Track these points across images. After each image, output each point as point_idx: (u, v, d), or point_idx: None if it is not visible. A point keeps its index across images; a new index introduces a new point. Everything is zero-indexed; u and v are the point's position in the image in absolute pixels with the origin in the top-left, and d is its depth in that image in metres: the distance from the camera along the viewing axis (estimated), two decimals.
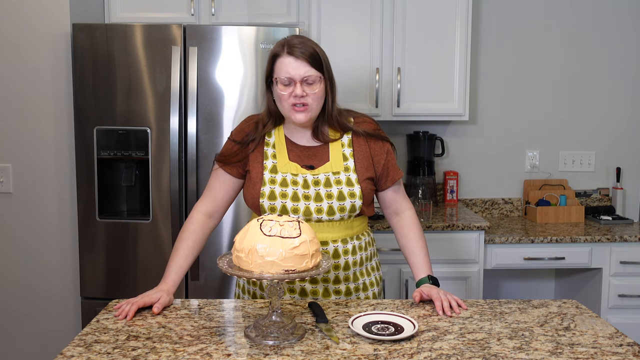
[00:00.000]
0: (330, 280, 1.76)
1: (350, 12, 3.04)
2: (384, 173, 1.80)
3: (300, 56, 1.64)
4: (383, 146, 1.80)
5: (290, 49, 1.65)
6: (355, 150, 1.77)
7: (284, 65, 1.66)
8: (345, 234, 1.76)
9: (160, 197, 2.71)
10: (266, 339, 1.38)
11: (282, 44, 1.68)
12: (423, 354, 1.34)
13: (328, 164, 1.74)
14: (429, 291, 1.65)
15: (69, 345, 1.37)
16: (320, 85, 1.68)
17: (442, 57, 3.09)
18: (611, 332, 1.47)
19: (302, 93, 1.65)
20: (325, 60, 1.70)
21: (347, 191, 1.72)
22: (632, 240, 3.00)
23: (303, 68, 1.65)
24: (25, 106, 2.80)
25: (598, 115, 3.54)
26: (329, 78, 1.71)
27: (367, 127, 1.80)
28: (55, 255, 2.86)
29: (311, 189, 1.71)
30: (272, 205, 1.71)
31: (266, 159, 1.75)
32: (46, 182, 2.83)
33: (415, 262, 1.79)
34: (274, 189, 1.71)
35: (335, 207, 1.71)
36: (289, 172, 1.73)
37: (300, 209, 1.71)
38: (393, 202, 1.85)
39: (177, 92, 2.63)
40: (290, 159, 1.75)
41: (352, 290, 1.79)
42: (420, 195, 3.33)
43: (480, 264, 2.96)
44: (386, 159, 1.80)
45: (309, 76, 1.65)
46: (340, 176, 1.73)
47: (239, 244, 1.39)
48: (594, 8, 3.46)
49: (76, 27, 2.67)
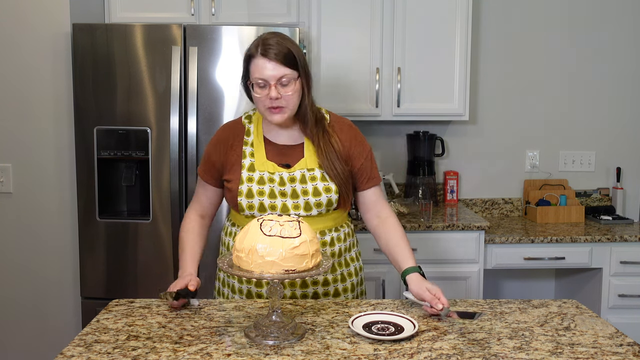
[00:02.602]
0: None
1: (350, 12, 3.04)
2: (363, 172, 1.81)
3: (274, 58, 1.64)
4: (363, 149, 1.82)
5: (264, 50, 1.65)
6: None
7: (257, 67, 1.65)
8: (323, 226, 1.77)
9: (160, 197, 2.71)
10: (266, 338, 1.38)
11: (257, 44, 1.67)
12: (423, 354, 1.34)
13: (303, 161, 1.76)
14: (433, 289, 1.60)
15: (69, 345, 1.37)
16: (296, 84, 1.68)
17: (442, 57, 3.09)
18: (611, 332, 1.47)
19: (277, 95, 1.65)
20: (300, 57, 1.69)
21: (322, 186, 1.74)
22: (632, 240, 3.00)
23: (277, 69, 1.65)
24: (25, 106, 2.80)
25: (598, 115, 3.54)
26: (304, 75, 1.71)
27: (345, 130, 1.81)
28: (55, 255, 2.86)
29: (287, 185, 1.73)
30: (250, 203, 1.73)
31: (244, 157, 1.77)
32: (46, 182, 2.83)
33: (399, 252, 1.74)
34: (252, 187, 1.73)
35: (311, 203, 1.73)
36: (266, 170, 1.75)
37: (278, 206, 1.73)
38: (374, 205, 1.84)
39: (177, 92, 2.63)
40: (267, 157, 1.77)
41: (330, 281, 1.79)
42: (420, 195, 3.33)
43: (480, 264, 2.96)
44: (365, 160, 1.81)
45: (284, 76, 1.65)
46: (315, 172, 1.75)
47: (239, 243, 1.39)
48: (594, 8, 3.46)
49: (76, 27, 2.67)
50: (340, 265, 1.82)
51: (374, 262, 2.85)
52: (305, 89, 1.72)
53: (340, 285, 1.81)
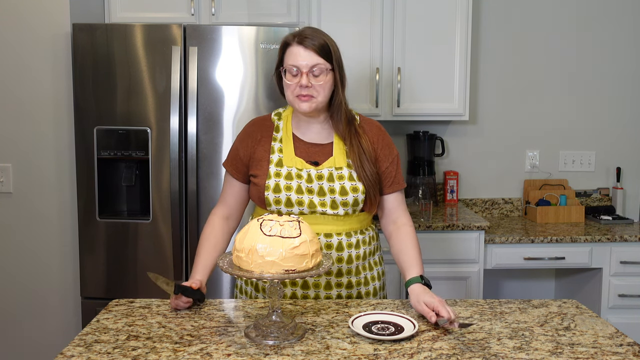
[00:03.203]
0: (332, 273, 1.77)
1: (350, 12, 3.04)
2: (388, 176, 1.81)
3: (310, 46, 1.67)
4: (390, 153, 1.82)
5: (301, 39, 1.68)
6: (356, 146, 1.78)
7: (292, 55, 1.69)
8: (349, 227, 1.77)
9: (160, 197, 2.71)
10: (266, 338, 1.38)
11: (295, 34, 1.71)
12: (423, 354, 1.34)
13: (331, 159, 1.76)
14: (432, 303, 1.53)
15: (69, 345, 1.37)
16: (327, 77, 1.70)
17: (442, 56, 3.09)
18: (611, 332, 1.48)
19: (307, 83, 1.67)
20: (335, 52, 1.72)
21: (349, 186, 1.73)
22: (632, 240, 3.00)
23: (311, 58, 1.67)
24: (25, 106, 2.80)
25: (598, 115, 3.54)
26: (338, 70, 1.73)
27: (375, 131, 1.83)
28: (55, 255, 2.86)
29: (314, 183, 1.73)
30: (277, 197, 1.72)
31: (272, 153, 1.77)
32: (46, 182, 2.83)
33: (406, 261, 1.71)
34: (279, 182, 1.73)
35: (338, 202, 1.72)
36: (294, 166, 1.75)
37: (305, 202, 1.72)
38: (393, 210, 1.84)
39: (177, 92, 2.63)
40: (295, 154, 1.77)
41: (354, 283, 1.79)
42: (420, 195, 3.33)
43: (480, 264, 2.96)
44: (391, 164, 1.81)
45: (316, 65, 1.67)
46: (343, 171, 1.75)
47: (239, 244, 1.39)
48: (594, 8, 3.46)
49: (76, 27, 2.67)
50: (365, 269, 1.82)
51: None
52: (338, 84, 1.74)
53: (363, 288, 1.81)
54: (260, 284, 1.80)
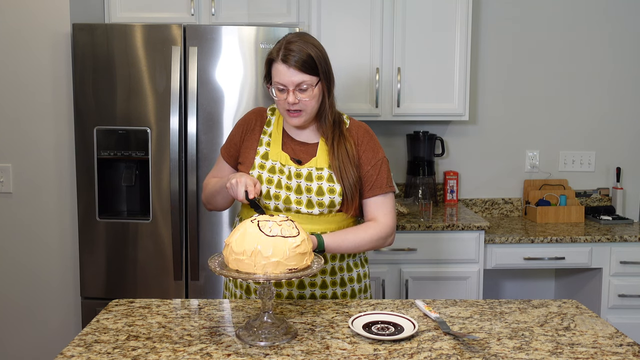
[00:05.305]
0: (327, 272, 1.78)
1: (350, 12, 3.04)
2: (368, 179, 1.79)
3: (294, 65, 1.66)
4: (374, 156, 1.81)
5: (285, 56, 1.67)
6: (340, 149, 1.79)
7: (278, 72, 1.69)
8: (325, 227, 1.76)
9: (160, 197, 2.71)
10: (258, 339, 1.38)
11: (279, 48, 1.70)
12: (423, 354, 1.34)
13: (314, 159, 1.78)
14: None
15: (69, 345, 1.37)
16: (315, 90, 1.71)
17: (442, 57, 3.10)
18: (611, 332, 1.48)
19: (294, 100, 1.69)
20: (321, 62, 1.70)
21: (326, 187, 1.74)
22: (632, 240, 3.00)
23: (296, 76, 1.67)
24: (25, 106, 2.80)
25: (598, 115, 3.54)
26: (325, 79, 1.73)
27: (361, 135, 1.82)
28: (55, 255, 2.86)
29: (293, 180, 1.75)
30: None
31: (260, 145, 1.81)
32: (46, 182, 2.83)
33: (335, 230, 1.74)
34: (262, 174, 1.76)
35: (313, 201, 1.74)
36: (278, 160, 1.78)
37: (281, 197, 1.74)
38: (372, 214, 1.80)
39: (177, 92, 2.63)
40: (283, 149, 1.80)
41: (329, 284, 1.79)
42: (420, 195, 3.33)
43: (480, 264, 2.96)
44: (372, 168, 1.79)
45: (302, 82, 1.68)
46: (323, 172, 1.76)
47: (238, 246, 1.37)
48: (594, 8, 3.46)
49: (76, 27, 2.66)
50: (342, 270, 1.81)
51: (374, 262, 2.86)
52: (325, 92, 1.75)
53: (339, 289, 1.81)
54: (252, 286, 1.80)
